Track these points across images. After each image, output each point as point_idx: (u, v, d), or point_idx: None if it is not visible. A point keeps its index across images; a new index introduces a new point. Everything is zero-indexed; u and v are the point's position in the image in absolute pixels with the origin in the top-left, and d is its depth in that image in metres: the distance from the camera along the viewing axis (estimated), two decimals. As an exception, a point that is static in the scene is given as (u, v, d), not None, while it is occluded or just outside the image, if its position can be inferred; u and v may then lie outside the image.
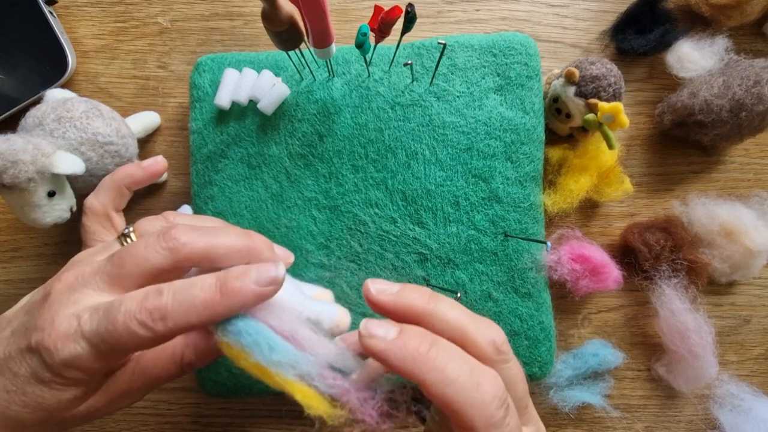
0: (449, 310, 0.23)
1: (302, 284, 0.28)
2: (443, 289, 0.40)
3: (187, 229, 0.24)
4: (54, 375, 0.23)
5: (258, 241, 0.25)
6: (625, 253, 0.44)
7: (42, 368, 0.23)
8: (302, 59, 0.39)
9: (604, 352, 0.43)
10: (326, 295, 0.29)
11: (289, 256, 0.28)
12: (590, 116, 0.38)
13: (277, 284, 0.23)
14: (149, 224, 0.28)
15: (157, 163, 0.35)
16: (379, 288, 0.23)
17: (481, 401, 0.20)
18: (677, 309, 0.41)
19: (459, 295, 0.39)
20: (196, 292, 0.22)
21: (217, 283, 0.23)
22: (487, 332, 0.23)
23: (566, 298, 0.44)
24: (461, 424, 0.20)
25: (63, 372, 0.23)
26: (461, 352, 0.22)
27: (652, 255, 0.42)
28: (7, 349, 0.24)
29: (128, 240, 0.28)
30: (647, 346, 0.45)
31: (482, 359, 0.22)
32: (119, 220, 0.34)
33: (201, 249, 0.24)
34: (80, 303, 0.24)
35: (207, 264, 0.24)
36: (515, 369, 0.24)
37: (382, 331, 0.21)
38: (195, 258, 0.24)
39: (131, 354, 0.25)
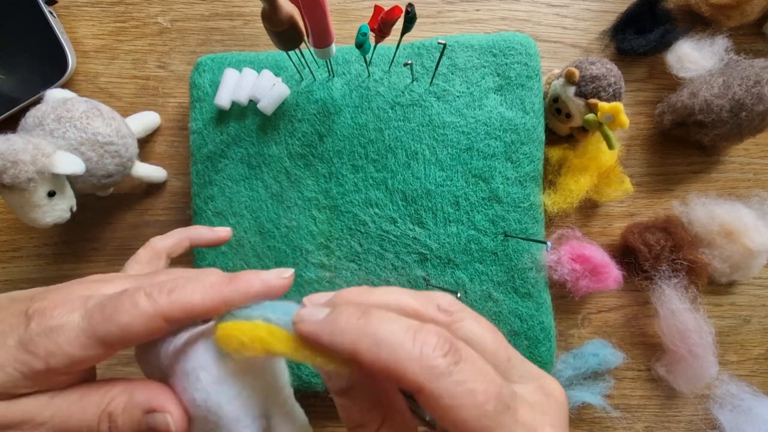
0: (385, 294, 0.22)
1: None
2: (443, 289, 0.40)
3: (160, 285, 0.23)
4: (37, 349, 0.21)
5: (241, 278, 0.23)
6: (625, 253, 0.44)
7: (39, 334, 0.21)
8: (302, 59, 0.39)
9: (605, 353, 0.43)
10: None
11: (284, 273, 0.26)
12: (590, 116, 0.38)
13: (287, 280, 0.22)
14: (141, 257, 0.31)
15: (226, 233, 0.36)
16: (308, 312, 0.21)
17: (419, 352, 0.18)
18: (677, 309, 0.41)
19: (459, 294, 0.39)
20: (203, 276, 0.22)
21: (227, 276, 0.22)
22: (429, 299, 0.21)
23: (566, 298, 0.44)
24: (406, 387, 0.18)
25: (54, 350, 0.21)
26: (396, 315, 0.20)
27: (652, 255, 0.42)
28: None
29: None
30: (647, 346, 0.45)
31: (435, 323, 0.20)
32: (165, 264, 0.35)
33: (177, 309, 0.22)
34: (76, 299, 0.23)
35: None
36: (474, 324, 0.21)
37: (311, 312, 0.20)
38: (171, 315, 0.22)
39: (129, 340, 0.22)
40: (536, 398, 0.21)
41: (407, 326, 0.19)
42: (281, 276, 0.22)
